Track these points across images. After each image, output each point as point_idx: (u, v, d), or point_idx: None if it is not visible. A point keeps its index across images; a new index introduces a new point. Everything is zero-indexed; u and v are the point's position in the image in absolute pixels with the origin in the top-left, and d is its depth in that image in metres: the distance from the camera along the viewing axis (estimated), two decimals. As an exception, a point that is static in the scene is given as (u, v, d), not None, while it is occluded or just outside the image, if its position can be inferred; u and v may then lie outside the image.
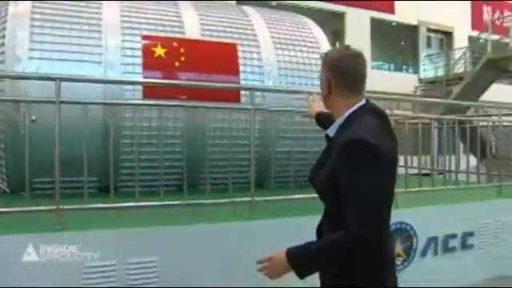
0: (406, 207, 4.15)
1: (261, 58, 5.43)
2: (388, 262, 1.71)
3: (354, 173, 1.55)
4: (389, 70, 17.69)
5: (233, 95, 5.02)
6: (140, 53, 4.89)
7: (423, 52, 17.28)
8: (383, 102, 4.74)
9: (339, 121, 1.71)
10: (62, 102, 3.34)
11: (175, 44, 5.06)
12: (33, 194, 3.60)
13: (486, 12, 18.78)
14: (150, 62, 4.88)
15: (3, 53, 4.55)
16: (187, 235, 3.25)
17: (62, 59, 4.58)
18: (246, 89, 4.69)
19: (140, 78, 4.76)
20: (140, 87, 4.74)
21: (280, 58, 5.55)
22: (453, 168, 6.14)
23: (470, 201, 4.81)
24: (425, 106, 10.67)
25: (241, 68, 5.27)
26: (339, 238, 1.57)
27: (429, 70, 17.27)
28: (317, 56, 5.85)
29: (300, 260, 1.62)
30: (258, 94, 5.06)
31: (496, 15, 18.38)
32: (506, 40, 13.92)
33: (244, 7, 6.28)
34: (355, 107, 1.69)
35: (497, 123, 6.18)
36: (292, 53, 5.67)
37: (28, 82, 4.31)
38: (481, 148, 6.06)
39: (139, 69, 4.83)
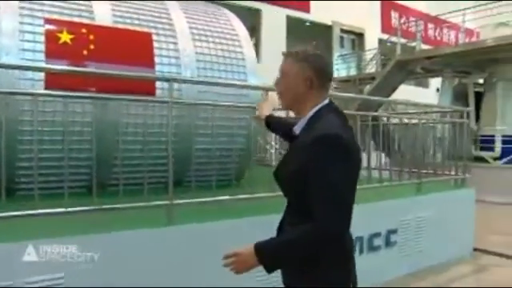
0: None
1: (177, 48, 5.09)
2: (351, 257, 1.77)
3: (326, 167, 1.57)
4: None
5: (148, 88, 4.64)
6: (42, 38, 4.35)
7: (336, 52, 17.75)
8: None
9: (306, 118, 1.74)
10: None
11: (84, 30, 4.57)
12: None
13: (394, 17, 19.77)
14: (53, 48, 4.35)
15: None
16: (96, 245, 2.86)
17: None
18: (164, 79, 4.27)
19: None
20: (42, 76, 4.22)
21: (198, 50, 5.24)
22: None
23: (392, 198, 4.87)
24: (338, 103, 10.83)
25: (156, 59, 4.88)
26: (309, 231, 1.58)
27: (342, 69, 17.81)
28: (237, 49, 5.64)
29: (268, 254, 1.64)
30: (176, 86, 4.76)
31: (402, 20, 19.38)
32: (413, 44, 14.65)
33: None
34: (320, 106, 1.73)
35: (405, 121, 6.36)
36: (211, 45, 5.39)
37: None
38: (389, 145, 6.24)
39: (41, 56, 4.29)
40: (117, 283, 2.77)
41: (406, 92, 15.01)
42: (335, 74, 17.39)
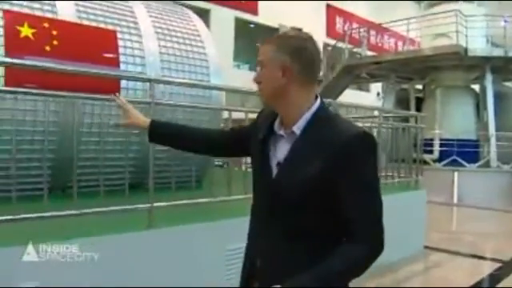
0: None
1: (142, 47, 4.99)
2: None
3: (367, 172, 1.40)
4: (249, 69, 18.11)
5: (113, 87, 4.51)
6: (1, 31, 4.13)
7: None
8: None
9: (307, 116, 1.46)
10: None
11: (46, 25, 4.36)
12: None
13: (339, 22, 20.39)
14: (14, 43, 4.14)
15: None
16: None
17: None
18: (146, 80, 4.15)
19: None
20: (1, 73, 4.00)
21: (163, 50, 5.17)
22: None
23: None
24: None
25: (121, 58, 4.77)
26: (359, 255, 1.37)
27: (288, 72, 18.07)
28: (200, 49, 5.61)
29: None
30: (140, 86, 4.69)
31: (346, 26, 20.03)
32: (356, 49, 15.21)
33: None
34: (319, 102, 1.49)
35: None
36: (175, 45, 5.33)
37: None
38: None
39: (0, 50, 4.08)
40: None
41: (349, 95, 15.54)
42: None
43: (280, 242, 1.46)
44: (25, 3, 4.38)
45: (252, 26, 17.04)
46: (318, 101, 1.50)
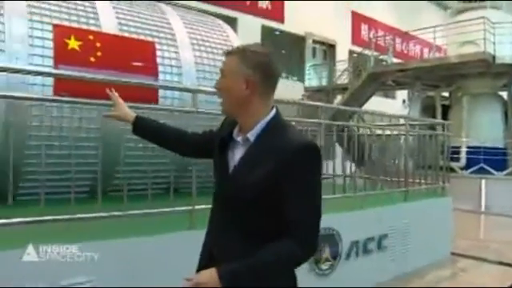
0: (332, 213, 4.27)
1: (179, 58, 5.24)
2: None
3: (310, 179, 1.53)
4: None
5: (152, 96, 4.75)
6: (51, 44, 4.41)
7: (309, 62, 18.17)
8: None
9: (261, 125, 1.59)
10: None
11: (91, 37, 4.64)
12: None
13: (364, 29, 20.44)
14: (62, 54, 4.41)
15: None
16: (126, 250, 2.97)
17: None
18: (188, 90, 4.38)
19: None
20: (51, 82, 4.28)
21: (198, 60, 5.40)
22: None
23: (383, 205, 5.16)
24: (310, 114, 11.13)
25: (160, 68, 5.02)
26: (293, 250, 1.48)
27: (313, 79, 18.23)
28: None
29: (240, 282, 1.48)
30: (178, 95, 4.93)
31: (371, 33, 20.08)
32: (382, 57, 15.26)
33: (160, 5, 6.01)
34: (274, 112, 1.62)
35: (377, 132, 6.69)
36: (210, 54, 5.56)
37: None
38: (361, 155, 6.50)
39: (50, 61, 4.35)
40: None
41: (374, 102, 15.55)
42: (307, 84, 17.84)
43: (233, 238, 1.59)
44: (72, 17, 4.66)
45: (277, 33, 17.23)
46: (274, 111, 1.62)
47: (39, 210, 2.96)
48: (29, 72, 4.00)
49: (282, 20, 16.85)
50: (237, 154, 1.62)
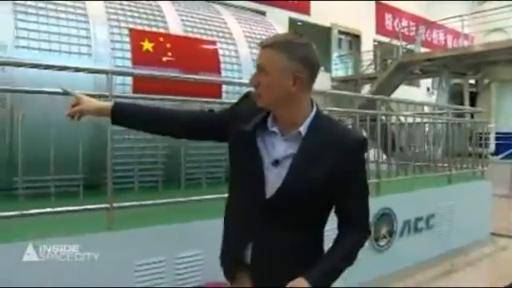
0: (388, 194, 4.70)
1: (238, 55, 5.67)
2: None
3: (364, 170, 1.62)
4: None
5: (215, 91, 5.20)
6: (129, 46, 4.88)
7: (335, 52, 18.48)
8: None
9: (310, 118, 1.52)
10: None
11: (161, 39, 5.10)
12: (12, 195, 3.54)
13: (388, 18, 20.61)
14: (139, 56, 4.88)
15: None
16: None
17: (51, 50, 4.43)
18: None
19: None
20: (130, 82, 4.74)
21: (255, 57, 5.83)
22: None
23: (430, 187, 5.56)
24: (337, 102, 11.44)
25: (222, 65, 5.46)
26: (359, 242, 1.57)
27: (340, 69, 18.56)
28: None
29: (329, 283, 1.52)
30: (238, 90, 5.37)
31: (395, 22, 20.27)
32: (409, 46, 15.49)
33: (214, 5, 6.44)
34: (316, 105, 1.57)
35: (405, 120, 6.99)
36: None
37: (16, 72, 4.03)
38: (391, 142, 6.76)
39: (128, 63, 4.81)
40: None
41: (399, 91, 15.81)
42: (333, 74, 18.15)
43: (277, 238, 1.52)
44: (144, 21, 5.12)
45: (299, 23, 17.51)
46: (315, 104, 1.57)
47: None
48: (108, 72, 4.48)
49: (308, 12, 17.16)
50: (276, 149, 1.52)
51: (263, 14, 15.77)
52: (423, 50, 16.36)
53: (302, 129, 1.50)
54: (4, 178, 4.06)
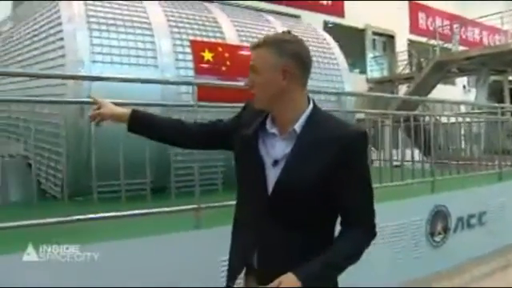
0: (441, 192, 4.87)
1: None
2: None
3: (365, 166, 1.54)
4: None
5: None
6: (191, 57, 5.18)
7: (370, 54, 18.53)
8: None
9: (306, 115, 1.52)
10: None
11: (220, 49, 5.39)
12: (87, 199, 3.72)
13: (421, 18, 20.53)
14: (200, 65, 5.18)
15: (63, 56, 4.62)
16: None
17: (122, 63, 4.77)
18: (334, 93, 5.19)
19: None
20: (195, 91, 5.02)
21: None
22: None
23: (481, 185, 5.66)
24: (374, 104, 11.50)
25: (275, 71, 5.70)
26: (360, 241, 1.50)
27: (375, 70, 18.60)
28: (333, 60, 6.46)
29: (322, 281, 1.45)
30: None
31: (429, 21, 20.19)
32: (447, 45, 15.44)
33: (262, 13, 6.72)
34: (312, 102, 1.56)
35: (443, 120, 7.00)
36: (314, 58, 6.18)
37: (91, 85, 4.27)
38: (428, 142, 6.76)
39: (191, 72, 5.11)
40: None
41: (435, 90, 15.76)
42: (368, 76, 18.20)
43: (279, 237, 1.51)
44: (203, 33, 5.41)
45: (330, 25, 17.63)
46: (311, 101, 1.56)
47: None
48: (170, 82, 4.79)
49: (342, 14, 17.30)
50: (275, 149, 1.53)
51: (298, 17, 16.05)
52: (461, 48, 16.26)
53: (297, 126, 1.50)
54: (84, 182, 4.38)
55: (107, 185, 3.82)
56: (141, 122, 1.80)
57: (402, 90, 16.57)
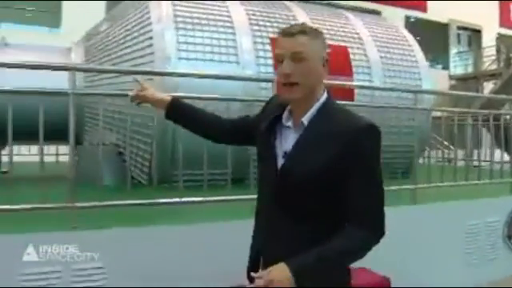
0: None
1: (368, 59, 5.91)
2: None
3: (375, 162, 1.45)
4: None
5: (349, 94, 5.48)
6: (270, 54, 5.34)
7: (454, 49, 17.79)
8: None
9: (316, 107, 1.49)
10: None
11: (300, 47, 5.49)
12: (172, 186, 3.96)
13: (512, 10, 19.39)
14: (279, 62, 5.31)
15: (152, 53, 4.97)
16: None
17: (205, 59, 5.04)
18: (411, 91, 5.27)
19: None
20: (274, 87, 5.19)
21: (384, 60, 6.02)
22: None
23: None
24: (455, 102, 11.05)
25: (354, 69, 5.74)
26: (361, 240, 1.43)
27: (458, 66, 17.81)
28: (412, 58, 6.35)
29: (314, 275, 1.41)
30: (368, 92, 5.61)
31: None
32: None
33: (340, 10, 6.74)
34: (326, 94, 1.52)
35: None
36: (393, 55, 6.15)
37: (178, 80, 4.51)
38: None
39: (271, 69, 5.27)
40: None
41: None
42: (452, 72, 17.49)
43: (286, 227, 1.50)
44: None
45: (412, 20, 17.11)
46: (325, 93, 1.52)
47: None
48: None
49: (424, 9, 16.76)
50: (287, 141, 1.52)
51: (379, 13, 15.78)
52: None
53: (305, 119, 1.47)
54: (168, 171, 4.68)
55: (191, 174, 4.05)
56: (179, 112, 1.83)
57: (488, 87, 15.75)
